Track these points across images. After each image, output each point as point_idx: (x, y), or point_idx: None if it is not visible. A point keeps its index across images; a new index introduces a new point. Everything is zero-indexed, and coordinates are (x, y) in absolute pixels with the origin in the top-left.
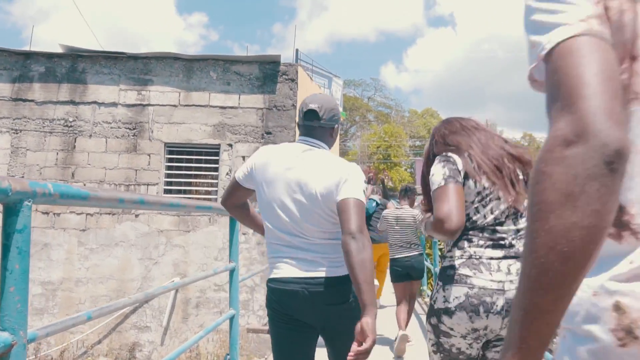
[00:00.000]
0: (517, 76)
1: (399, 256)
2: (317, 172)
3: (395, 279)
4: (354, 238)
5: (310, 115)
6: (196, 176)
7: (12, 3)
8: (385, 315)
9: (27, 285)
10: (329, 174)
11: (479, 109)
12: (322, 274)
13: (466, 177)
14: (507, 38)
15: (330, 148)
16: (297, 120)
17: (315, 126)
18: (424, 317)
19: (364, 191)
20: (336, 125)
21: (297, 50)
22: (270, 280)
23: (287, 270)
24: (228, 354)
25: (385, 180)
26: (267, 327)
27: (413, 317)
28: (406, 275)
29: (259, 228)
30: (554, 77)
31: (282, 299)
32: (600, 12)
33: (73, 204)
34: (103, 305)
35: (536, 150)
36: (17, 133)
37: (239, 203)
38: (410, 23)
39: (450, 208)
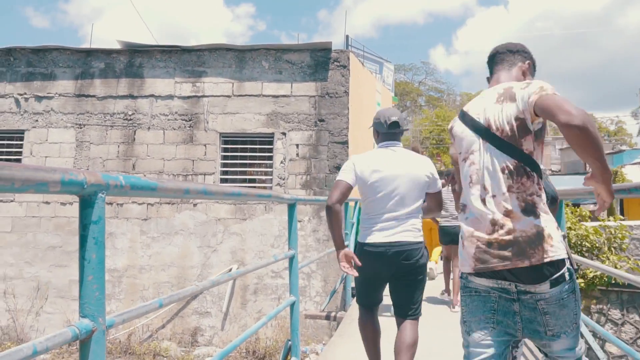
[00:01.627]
0: (575, 53)
1: (447, 224)
2: (416, 164)
3: (443, 242)
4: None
5: (394, 125)
6: (251, 165)
7: (69, 3)
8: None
9: (104, 274)
10: (422, 165)
11: None
12: (401, 240)
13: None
14: (563, 14)
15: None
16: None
17: (397, 132)
18: None
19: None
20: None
21: (347, 36)
22: (364, 244)
23: (377, 237)
24: (289, 340)
25: (438, 164)
26: (324, 314)
27: None
28: (451, 240)
29: (340, 226)
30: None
31: (372, 258)
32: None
33: (142, 195)
34: (172, 293)
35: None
36: (81, 127)
37: (344, 202)
38: (459, 3)
39: None
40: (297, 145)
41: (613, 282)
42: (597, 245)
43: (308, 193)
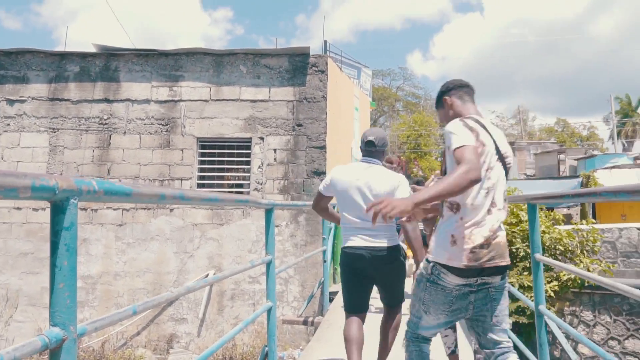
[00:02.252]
0: (549, 60)
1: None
2: (379, 180)
3: None
4: (409, 224)
5: (369, 144)
6: (228, 170)
7: (42, 4)
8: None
9: (75, 281)
10: (387, 181)
11: (509, 95)
12: (380, 244)
13: None
14: (537, 21)
15: (382, 163)
16: (356, 144)
17: (373, 150)
18: None
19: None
20: (386, 148)
21: (325, 41)
22: (346, 248)
23: (357, 241)
24: (266, 345)
25: (415, 169)
26: (301, 319)
27: None
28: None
29: (336, 220)
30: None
31: (353, 260)
32: (474, 139)
33: (116, 201)
34: (147, 300)
35: (570, 136)
36: (54, 132)
37: (324, 207)
38: (436, 9)
39: None
40: (275, 150)
41: (586, 284)
42: (570, 248)
43: (286, 198)
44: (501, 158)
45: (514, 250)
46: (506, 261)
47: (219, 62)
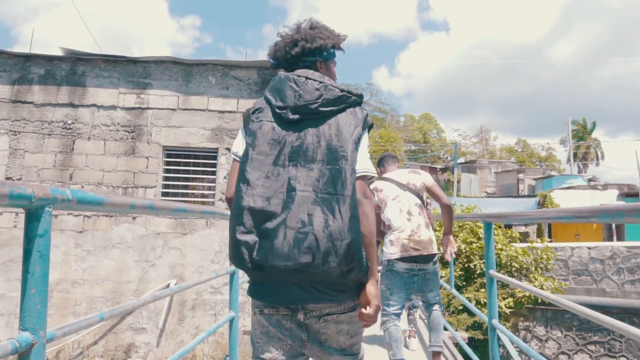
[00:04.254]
0: (510, 82)
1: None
2: None
3: None
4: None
5: None
6: (193, 179)
7: (1, 1)
8: None
9: (47, 287)
10: None
11: (471, 114)
12: None
13: None
14: (500, 44)
15: None
16: None
17: None
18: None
19: None
20: None
21: None
22: None
23: None
24: (227, 356)
25: None
26: None
27: None
28: None
29: None
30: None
31: None
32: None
33: (88, 210)
34: (114, 307)
35: (530, 156)
36: (15, 135)
37: None
38: (403, 26)
39: None
40: None
41: (539, 301)
42: (525, 265)
43: None
44: (405, 187)
45: (472, 267)
46: (428, 251)
47: (188, 72)
